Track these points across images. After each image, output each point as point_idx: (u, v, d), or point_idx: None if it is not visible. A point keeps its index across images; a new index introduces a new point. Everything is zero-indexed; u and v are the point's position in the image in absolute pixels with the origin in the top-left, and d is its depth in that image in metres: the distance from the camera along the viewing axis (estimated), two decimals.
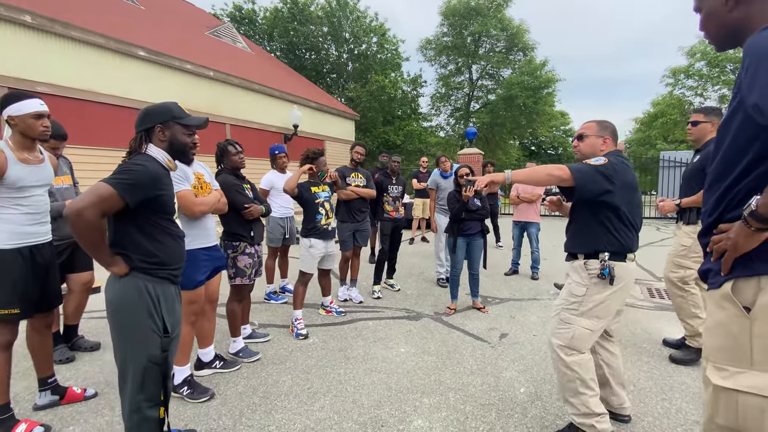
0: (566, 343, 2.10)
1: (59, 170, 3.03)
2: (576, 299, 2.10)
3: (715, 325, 1.10)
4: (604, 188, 1.98)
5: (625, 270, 2.07)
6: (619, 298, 2.10)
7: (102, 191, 1.56)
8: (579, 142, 2.28)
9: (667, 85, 26.39)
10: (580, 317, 2.08)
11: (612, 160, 2.03)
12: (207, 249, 2.68)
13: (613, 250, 2.05)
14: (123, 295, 1.69)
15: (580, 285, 2.11)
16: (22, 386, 2.69)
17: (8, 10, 6.38)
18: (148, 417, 1.72)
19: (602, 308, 2.07)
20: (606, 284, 2.04)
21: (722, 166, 1.11)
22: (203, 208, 2.60)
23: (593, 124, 2.25)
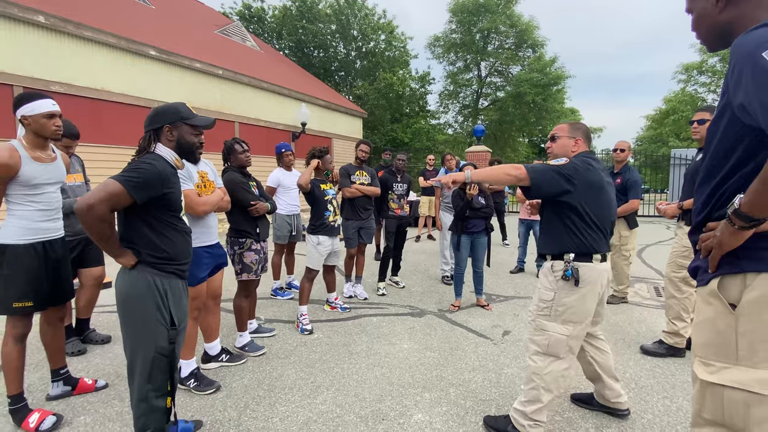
0: (543, 350, 2.09)
1: (71, 168, 3.13)
2: (546, 304, 2.09)
3: (703, 322, 1.12)
4: (563, 188, 1.98)
5: (591, 271, 2.03)
6: (589, 300, 2.05)
7: (111, 188, 1.63)
8: (552, 143, 2.28)
9: (680, 81, 26.05)
10: (554, 323, 2.06)
11: (574, 160, 2.04)
12: (209, 247, 2.74)
13: (577, 251, 2.03)
14: (132, 289, 1.75)
15: (548, 289, 2.10)
16: (36, 377, 2.79)
17: (22, 10, 6.52)
18: (156, 406, 1.79)
19: (574, 312, 2.03)
20: (572, 286, 2.02)
21: (711, 166, 1.13)
22: (206, 208, 2.65)
23: (565, 126, 2.27)
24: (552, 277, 2.09)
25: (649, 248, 8.14)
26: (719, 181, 1.10)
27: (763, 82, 0.88)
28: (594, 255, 2.05)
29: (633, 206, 4.30)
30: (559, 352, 2.05)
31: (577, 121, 2.29)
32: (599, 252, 2.06)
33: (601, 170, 2.09)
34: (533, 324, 2.16)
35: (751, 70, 0.91)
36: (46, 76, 6.93)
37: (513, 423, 2.13)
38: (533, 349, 2.13)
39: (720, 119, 1.08)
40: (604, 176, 2.09)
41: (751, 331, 1.01)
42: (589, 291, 2.04)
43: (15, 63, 6.58)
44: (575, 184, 1.98)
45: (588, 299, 2.04)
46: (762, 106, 0.88)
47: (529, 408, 2.08)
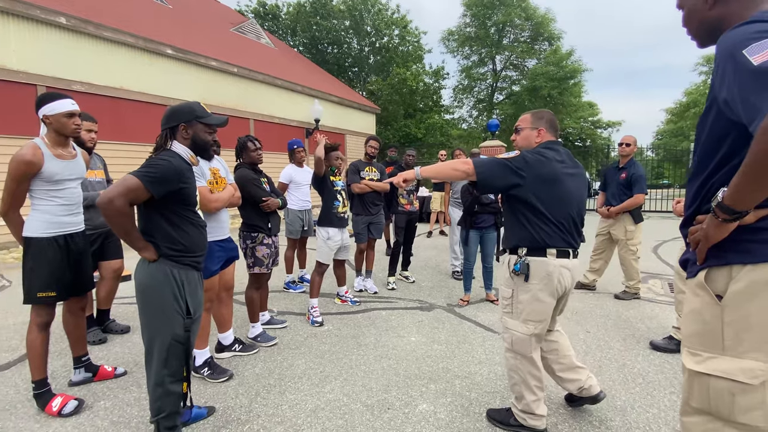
0: (510, 346, 2.11)
1: (93, 165, 3.29)
2: (507, 301, 2.09)
3: (691, 312, 1.14)
4: (511, 182, 1.94)
5: (543, 266, 1.97)
6: (545, 298, 1.99)
7: (130, 183, 1.72)
8: (516, 136, 2.24)
9: (701, 73, 25.34)
10: (516, 321, 2.06)
11: (526, 153, 2.00)
12: (221, 241, 2.83)
13: (529, 245, 2.00)
14: (151, 279, 1.85)
15: (507, 285, 2.09)
16: (59, 364, 2.93)
17: (45, 12, 6.74)
18: (171, 391, 1.88)
19: (531, 311, 2.01)
20: (523, 282, 2.00)
21: (700, 160, 1.14)
22: (218, 205, 2.74)
23: (528, 116, 2.20)
24: (507, 273, 2.08)
25: (666, 244, 8.00)
26: (707, 175, 1.11)
27: (743, 79, 0.90)
28: (548, 250, 1.98)
29: (637, 201, 4.26)
30: (525, 351, 2.06)
31: (541, 110, 2.22)
32: (553, 247, 1.98)
33: (559, 162, 2.01)
34: (501, 321, 2.18)
35: (732, 66, 0.93)
36: (67, 75, 7.16)
37: (514, 416, 2.17)
38: (504, 345, 2.17)
39: (708, 114, 1.09)
40: (561, 168, 2.00)
41: (737, 322, 1.03)
42: (544, 287, 1.99)
43: (38, 63, 6.81)
44: (524, 176, 1.93)
45: (543, 297, 1.99)
46: (744, 102, 0.90)
47: (520, 404, 2.12)
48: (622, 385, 2.68)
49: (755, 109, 0.87)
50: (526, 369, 2.08)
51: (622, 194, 4.35)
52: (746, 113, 0.89)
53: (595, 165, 33.12)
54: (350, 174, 4.44)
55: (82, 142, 3.24)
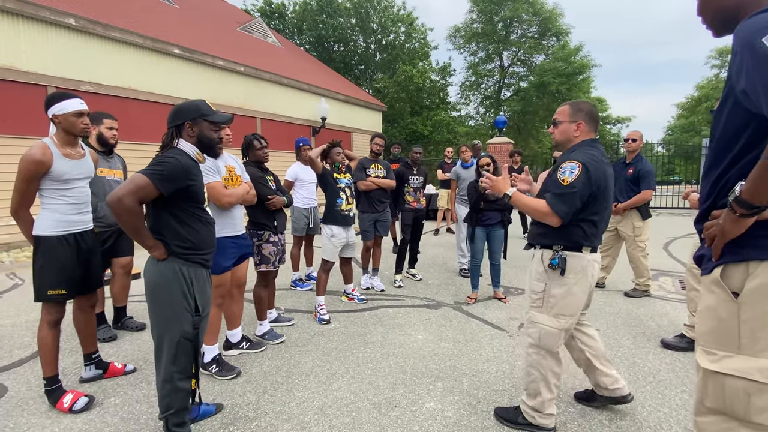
0: (536, 342, 2.08)
1: (113, 165, 3.38)
2: (538, 296, 2.08)
3: (705, 310, 1.12)
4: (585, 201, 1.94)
5: (579, 260, 2.00)
6: (579, 292, 2.02)
7: (138, 181, 1.74)
8: (554, 129, 2.17)
9: (713, 67, 24.95)
10: (545, 315, 2.05)
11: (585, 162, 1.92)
12: (234, 237, 2.84)
13: (567, 243, 2.00)
14: (160, 277, 1.87)
15: (539, 280, 2.07)
16: (69, 361, 2.97)
17: (54, 13, 6.81)
18: (180, 387, 1.90)
19: (565, 305, 2.01)
20: (559, 276, 2.00)
21: (715, 153, 1.11)
22: (231, 200, 2.75)
23: (566, 108, 2.13)
24: (542, 267, 2.07)
25: (678, 241, 7.90)
26: (723, 169, 1.08)
27: (763, 67, 0.87)
28: (584, 246, 2.01)
29: (645, 197, 4.20)
30: (552, 346, 2.05)
31: (579, 101, 2.14)
32: (591, 246, 2.02)
33: (605, 163, 2.02)
34: (527, 316, 2.17)
35: (751, 55, 0.90)
36: (76, 76, 7.23)
37: (523, 414, 2.15)
38: (528, 341, 2.14)
39: (724, 105, 1.06)
40: (607, 170, 2.02)
41: (753, 320, 1.01)
42: (578, 282, 2.01)
43: (47, 64, 6.89)
44: (593, 188, 1.94)
45: (577, 291, 2.01)
46: (765, 92, 0.87)
47: (533, 402, 2.10)
48: (632, 383, 2.64)
49: None
50: (549, 366, 2.06)
51: (630, 190, 4.29)
52: (766, 103, 0.87)
53: None
54: (356, 171, 4.43)
55: (105, 140, 3.30)
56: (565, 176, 1.94)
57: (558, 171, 1.99)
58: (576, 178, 1.91)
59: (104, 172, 3.26)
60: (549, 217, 1.96)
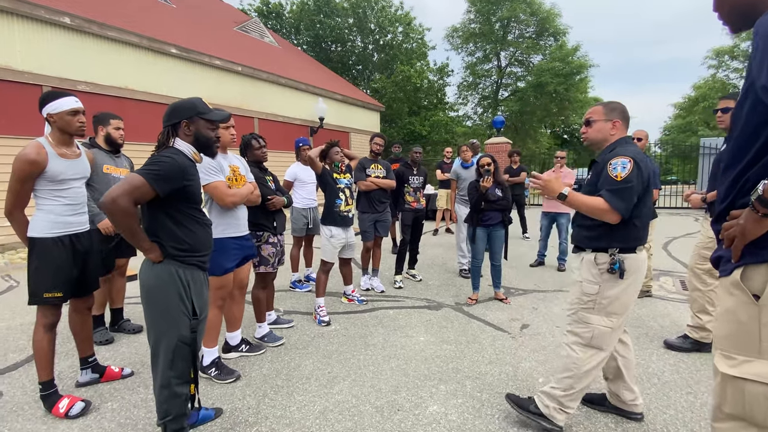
0: (586, 342, 2.06)
1: (120, 164, 3.34)
2: (590, 298, 2.05)
3: (724, 313, 1.08)
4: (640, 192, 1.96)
5: (634, 261, 2.01)
6: (632, 291, 2.03)
7: (134, 181, 1.69)
8: (587, 128, 2.16)
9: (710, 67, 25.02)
10: (598, 316, 2.03)
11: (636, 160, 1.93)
12: (237, 238, 2.78)
13: (622, 244, 1.99)
14: (156, 280, 1.82)
15: (592, 282, 2.05)
16: (65, 365, 2.92)
17: (49, 12, 6.74)
18: (178, 393, 1.85)
19: (618, 305, 2.01)
20: (616, 278, 1.99)
21: (734, 151, 1.08)
22: (235, 199, 2.69)
23: (599, 108, 2.14)
24: (596, 269, 2.04)
25: (677, 240, 7.89)
26: (743, 168, 1.05)
27: None
28: (637, 247, 2.02)
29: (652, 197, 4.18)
30: (603, 345, 2.04)
31: (611, 101, 2.13)
32: (642, 244, 2.03)
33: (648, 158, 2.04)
34: (574, 316, 2.13)
35: None
36: (72, 75, 7.15)
37: (537, 402, 2.13)
38: (574, 339, 2.11)
39: (743, 103, 1.03)
40: (650, 165, 2.04)
41: None
42: (633, 282, 2.02)
43: (43, 64, 6.81)
44: (645, 185, 1.96)
45: (631, 290, 2.02)
46: None
47: (562, 393, 2.07)
48: (637, 385, 2.61)
49: None
50: (592, 366, 2.04)
51: None
52: None
53: None
54: (356, 172, 4.39)
55: (113, 140, 3.26)
56: (617, 172, 1.93)
57: (607, 168, 1.97)
58: (630, 172, 1.91)
59: (110, 169, 3.22)
60: (608, 214, 1.94)
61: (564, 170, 5.75)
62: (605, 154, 2.07)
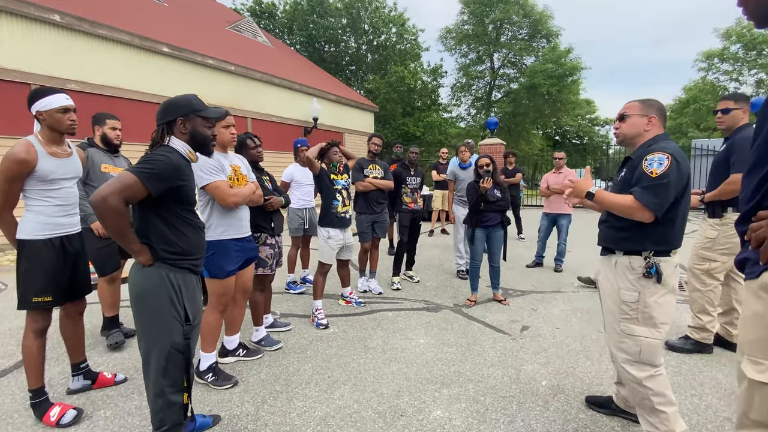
0: (635, 358, 1.91)
1: (118, 163, 3.28)
2: (631, 307, 1.91)
3: (752, 317, 1.05)
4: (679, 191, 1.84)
5: (670, 265, 1.88)
6: (673, 297, 1.91)
7: (125, 179, 1.61)
8: (621, 123, 2.05)
9: (700, 69, 25.27)
10: (644, 327, 1.88)
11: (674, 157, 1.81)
12: (239, 240, 2.70)
13: (657, 246, 1.87)
14: (146, 284, 1.74)
15: (630, 289, 1.91)
16: (56, 371, 2.82)
17: (38, 9, 6.60)
18: (172, 401, 1.78)
19: (662, 312, 1.87)
20: (654, 283, 1.85)
21: (762, 150, 1.04)
22: (237, 199, 2.62)
23: (636, 103, 2.03)
24: (633, 275, 1.90)
25: None
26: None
27: None
28: (672, 250, 1.91)
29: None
30: (656, 359, 1.90)
31: (649, 98, 2.04)
32: (677, 248, 1.92)
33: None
34: (616, 328, 1.97)
35: None
36: (61, 74, 7.02)
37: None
38: (623, 357, 1.95)
39: None
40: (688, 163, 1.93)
41: None
42: (673, 287, 1.90)
43: (32, 62, 6.67)
44: (684, 183, 1.85)
45: (671, 296, 1.91)
46: None
47: (656, 420, 1.87)
48: None
49: None
50: (661, 379, 1.89)
51: None
52: None
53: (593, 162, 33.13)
54: (354, 172, 4.33)
55: (109, 140, 3.18)
56: (653, 168, 1.82)
57: (643, 164, 1.85)
58: (667, 168, 1.80)
59: (108, 168, 3.14)
60: (639, 212, 1.82)
61: (565, 170, 5.74)
62: (641, 150, 1.95)
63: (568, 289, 4.80)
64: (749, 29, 21.81)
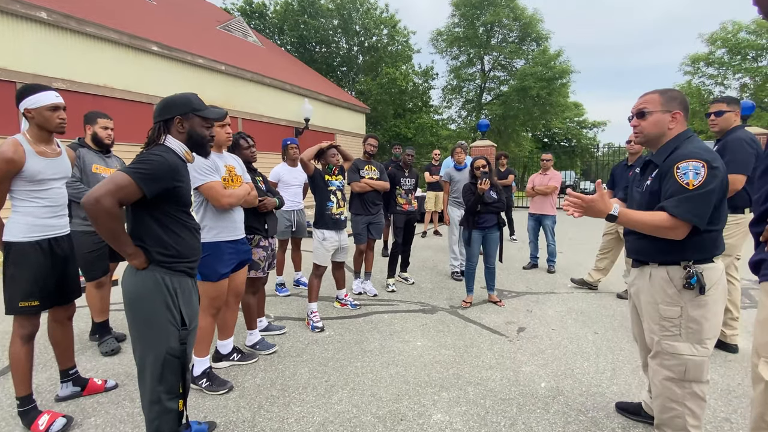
0: (680, 376, 1.76)
1: (111, 164, 3.17)
2: (673, 323, 1.75)
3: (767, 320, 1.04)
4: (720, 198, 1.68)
5: (714, 272, 1.72)
6: (720, 308, 1.74)
7: (119, 180, 1.56)
8: (640, 121, 1.84)
9: (686, 73, 25.67)
10: (688, 343, 1.73)
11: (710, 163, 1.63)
12: (233, 242, 2.65)
13: (698, 255, 1.72)
14: (140, 288, 1.68)
15: (671, 303, 1.75)
16: (44, 377, 2.73)
17: (24, 7, 6.44)
18: (168, 408, 1.72)
19: (710, 326, 1.71)
20: (697, 294, 1.70)
21: None
22: (231, 200, 2.56)
23: (656, 96, 1.81)
24: (673, 288, 1.74)
25: None
26: None
27: None
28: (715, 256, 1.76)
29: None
30: (701, 376, 1.75)
31: (670, 89, 1.82)
32: (720, 253, 1.76)
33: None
34: (657, 347, 1.82)
35: None
36: (48, 72, 6.86)
37: None
38: (665, 374, 1.81)
39: None
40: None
41: None
42: (720, 296, 1.74)
43: (17, 59, 6.51)
44: (723, 187, 1.68)
45: (719, 307, 1.73)
46: None
47: None
48: (639, 389, 2.60)
49: None
50: (700, 393, 1.76)
51: None
52: None
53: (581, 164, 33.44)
54: (350, 173, 4.29)
55: (100, 139, 3.09)
56: (689, 179, 1.64)
57: (675, 174, 1.68)
58: (705, 178, 1.62)
59: (100, 169, 3.05)
60: (674, 230, 1.66)
61: (551, 172, 5.77)
62: (665, 154, 1.78)
63: (562, 290, 4.81)
64: (734, 34, 22.26)
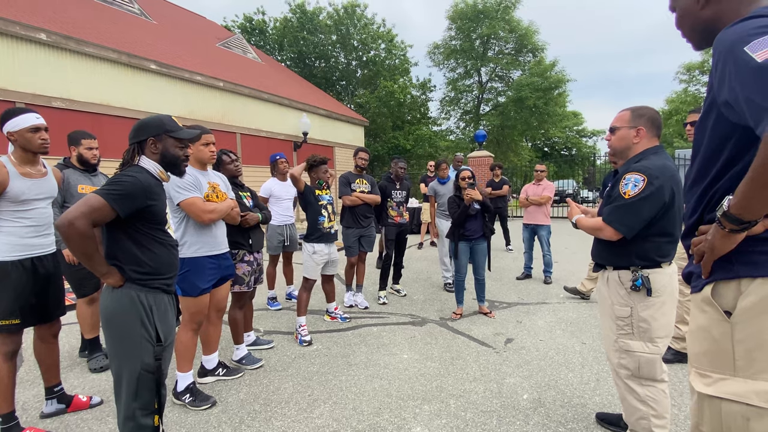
0: (635, 373, 1.90)
1: (97, 183, 3.22)
2: (625, 322, 1.90)
3: (697, 330, 1.06)
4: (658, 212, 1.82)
5: (662, 276, 1.86)
6: (670, 309, 1.87)
7: (93, 202, 1.60)
8: (611, 135, 2.02)
9: (681, 81, 25.88)
10: (640, 341, 1.87)
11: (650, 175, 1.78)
12: (214, 257, 2.69)
13: (643, 261, 1.86)
14: (116, 306, 1.72)
15: (622, 304, 1.91)
16: (30, 394, 2.75)
17: (24, 28, 6.61)
18: (143, 425, 1.74)
19: (659, 326, 1.84)
20: (645, 297, 1.84)
21: (700, 166, 1.08)
22: (213, 216, 2.60)
23: (626, 114, 1.96)
24: (623, 290, 1.90)
25: None
26: (709, 183, 1.04)
27: (746, 77, 0.84)
28: (662, 263, 1.89)
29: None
30: (655, 373, 1.88)
31: (642, 106, 1.97)
32: (668, 260, 1.90)
33: (674, 169, 1.87)
34: (614, 345, 1.97)
35: (733, 65, 0.87)
36: (47, 92, 7.00)
37: None
38: (624, 373, 1.94)
39: (707, 118, 1.03)
40: (676, 176, 1.86)
41: (748, 340, 0.96)
42: (669, 299, 1.87)
43: (17, 80, 6.65)
44: (665, 201, 1.80)
45: (668, 308, 1.87)
46: (748, 102, 0.84)
47: None
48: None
49: (761, 109, 0.81)
50: (662, 397, 1.87)
51: None
52: (752, 114, 0.83)
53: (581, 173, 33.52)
54: (341, 186, 4.35)
55: (85, 160, 3.15)
56: (627, 189, 1.83)
57: (620, 183, 1.86)
58: (640, 191, 1.79)
59: (86, 189, 3.11)
60: (605, 232, 1.88)
61: (544, 183, 5.81)
62: (628, 165, 1.92)
63: (554, 300, 4.81)
64: None
